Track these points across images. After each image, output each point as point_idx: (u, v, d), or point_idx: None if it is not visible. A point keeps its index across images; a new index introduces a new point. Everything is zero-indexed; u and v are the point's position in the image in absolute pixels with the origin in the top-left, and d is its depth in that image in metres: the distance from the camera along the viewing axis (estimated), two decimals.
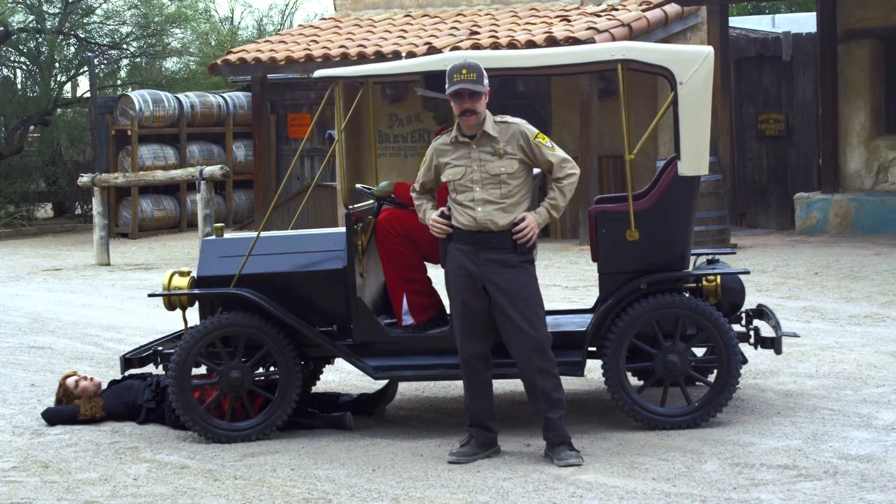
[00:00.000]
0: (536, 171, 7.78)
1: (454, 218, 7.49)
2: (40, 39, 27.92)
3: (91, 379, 8.84)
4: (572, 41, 17.87)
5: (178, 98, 24.31)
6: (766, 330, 8.57)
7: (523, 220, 7.39)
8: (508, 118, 7.52)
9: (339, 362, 9.20)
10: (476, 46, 18.60)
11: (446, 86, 7.37)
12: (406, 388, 9.19)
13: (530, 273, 7.51)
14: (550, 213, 7.51)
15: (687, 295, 8.02)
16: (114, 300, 15.02)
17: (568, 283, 14.39)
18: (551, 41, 18.10)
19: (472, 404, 7.55)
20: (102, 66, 28.97)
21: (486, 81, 7.36)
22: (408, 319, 8.27)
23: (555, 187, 7.51)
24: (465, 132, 7.47)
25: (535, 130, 7.48)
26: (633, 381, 8.44)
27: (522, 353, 7.37)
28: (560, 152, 7.52)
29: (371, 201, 8.55)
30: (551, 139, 7.69)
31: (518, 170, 7.44)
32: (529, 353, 7.34)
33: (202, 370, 8.44)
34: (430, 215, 7.63)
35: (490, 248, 7.39)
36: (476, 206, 7.39)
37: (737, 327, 8.33)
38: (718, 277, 8.27)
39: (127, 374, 8.76)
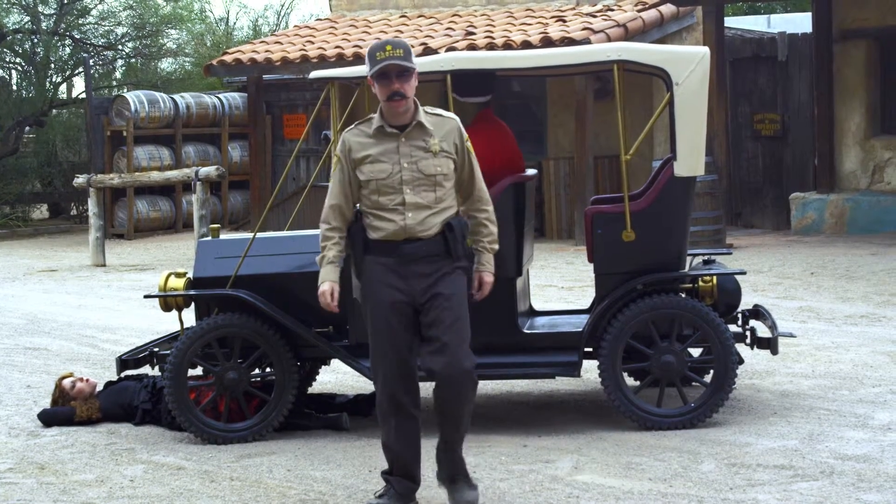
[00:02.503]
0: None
1: (370, 226, 6.38)
2: (36, 40, 27.92)
3: (87, 380, 8.83)
4: (568, 42, 17.87)
5: (173, 99, 24.31)
6: (763, 330, 8.57)
7: (480, 282, 6.47)
8: (442, 111, 6.48)
9: (336, 363, 9.20)
10: (472, 47, 18.60)
11: (367, 68, 6.37)
12: None
13: (462, 283, 6.39)
14: (493, 248, 6.54)
15: (683, 295, 8.03)
16: (109, 301, 15.01)
17: (564, 284, 14.39)
18: (547, 42, 18.11)
19: (396, 449, 6.42)
20: (98, 67, 28.98)
21: (414, 59, 6.37)
22: None
23: (485, 221, 6.50)
24: (392, 121, 6.35)
25: (466, 133, 6.49)
26: (630, 381, 8.44)
27: (441, 366, 6.25)
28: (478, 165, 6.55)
29: None
30: (545, 140, 7.57)
31: (452, 171, 6.38)
32: (450, 369, 6.24)
33: (198, 371, 8.44)
34: (324, 279, 6.40)
35: (420, 259, 6.30)
36: (406, 212, 6.29)
37: (733, 328, 8.34)
38: (714, 278, 8.28)
39: (123, 375, 8.76)
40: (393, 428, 6.38)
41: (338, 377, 9.89)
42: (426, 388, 6.83)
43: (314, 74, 8.51)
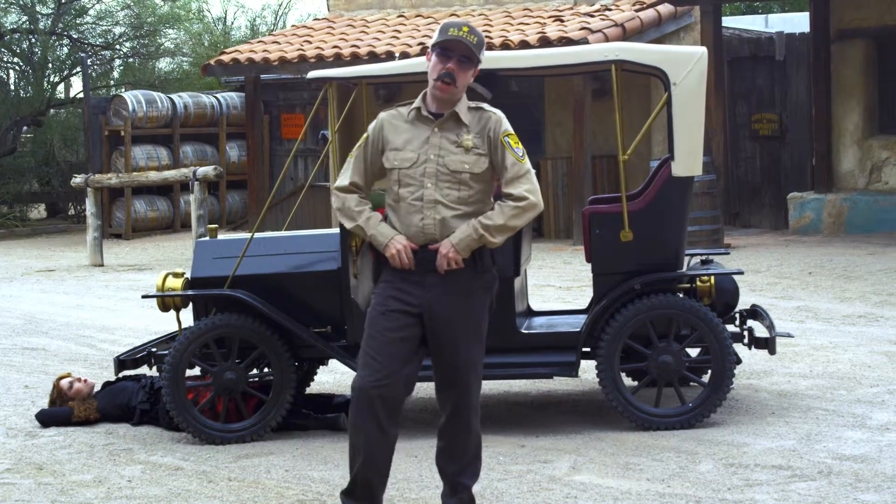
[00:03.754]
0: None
1: (390, 223, 5.88)
2: (33, 40, 27.91)
3: (85, 381, 8.82)
4: (566, 41, 17.88)
5: (171, 98, 24.30)
6: (760, 330, 8.57)
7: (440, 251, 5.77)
8: (486, 106, 5.91)
9: (333, 363, 9.19)
10: None
11: (434, 38, 5.82)
12: None
13: (483, 304, 5.89)
14: (479, 231, 5.74)
15: (681, 295, 8.02)
16: (107, 301, 15.00)
17: (562, 284, 14.39)
18: (545, 41, 18.11)
19: (365, 466, 5.79)
20: (95, 67, 28.97)
21: (483, 54, 5.84)
22: None
23: (497, 205, 5.81)
24: (432, 107, 5.85)
25: (511, 129, 5.90)
26: (628, 381, 8.44)
27: (449, 401, 5.89)
28: (528, 166, 5.85)
29: None
30: (543, 140, 7.47)
31: (485, 171, 5.82)
32: (464, 404, 5.87)
33: (196, 371, 8.43)
34: (389, 234, 5.80)
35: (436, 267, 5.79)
36: (424, 209, 5.77)
37: (731, 328, 8.34)
38: (712, 278, 8.28)
39: (121, 375, 8.75)
40: (365, 441, 5.77)
41: (336, 377, 9.88)
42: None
43: (312, 74, 8.51)
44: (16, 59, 28.73)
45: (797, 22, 21.45)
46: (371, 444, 5.76)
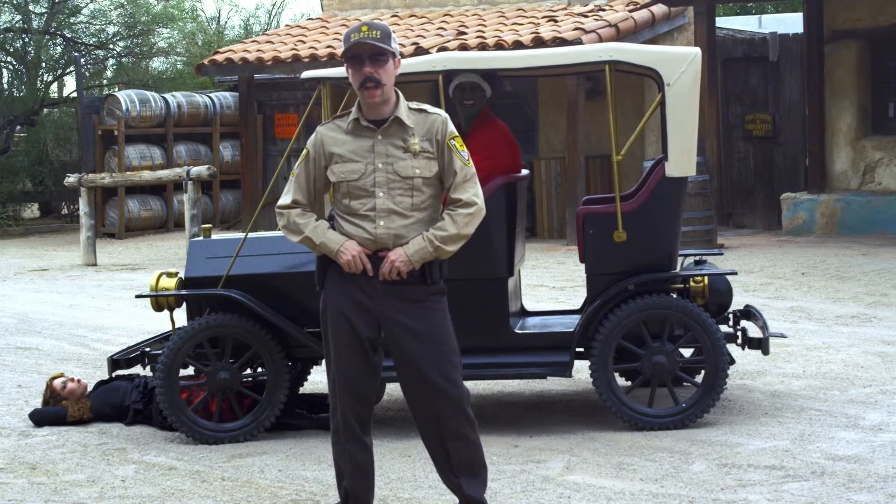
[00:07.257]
0: None
1: (339, 232, 5.80)
2: (27, 39, 27.88)
3: (78, 380, 8.81)
4: (559, 42, 17.89)
5: (164, 98, 24.27)
6: (754, 330, 8.58)
7: (388, 258, 5.69)
8: (427, 107, 5.81)
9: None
10: (463, 47, 18.61)
11: (342, 51, 5.72)
12: (394, 389, 9.18)
13: (442, 309, 5.79)
14: (434, 243, 5.68)
15: (674, 296, 8.04)
16: (101, 301, 14.99)
17: (555, 284, 14.40)
18: (538, 42, 18.12)
19: (350, 487, 5.90)
20: (89, 66, 28.92)
21: (395, 45, 5.72)
22: None
23: (447, 214, 5.72)
24: (369, 114, 5.75)
25: (456, 131, 5.81)
26: (621, 381, 8.45)
27: (431, 413, 5.76)
28: (473, 169, 5.79)
29: None
30: (537, 140, 7.45)
31: (436, 174, 5.75)
32: (441, 414, 5.74)
33: (190, 371, 8.43)
34: (339, 240, 5.73)
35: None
36: (377, 219, 5.69)
37: (724, 328, 8.35)
38: (706, 278, 8.29)
39: (114, 375, 8.75)
40: (346, 460, 5.87)
41: None
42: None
43: (306, 74, 8.52)
44: (9, 59, 28.69)
45: (790, 22, 21.49)
46: (355, 459, 5.87)
